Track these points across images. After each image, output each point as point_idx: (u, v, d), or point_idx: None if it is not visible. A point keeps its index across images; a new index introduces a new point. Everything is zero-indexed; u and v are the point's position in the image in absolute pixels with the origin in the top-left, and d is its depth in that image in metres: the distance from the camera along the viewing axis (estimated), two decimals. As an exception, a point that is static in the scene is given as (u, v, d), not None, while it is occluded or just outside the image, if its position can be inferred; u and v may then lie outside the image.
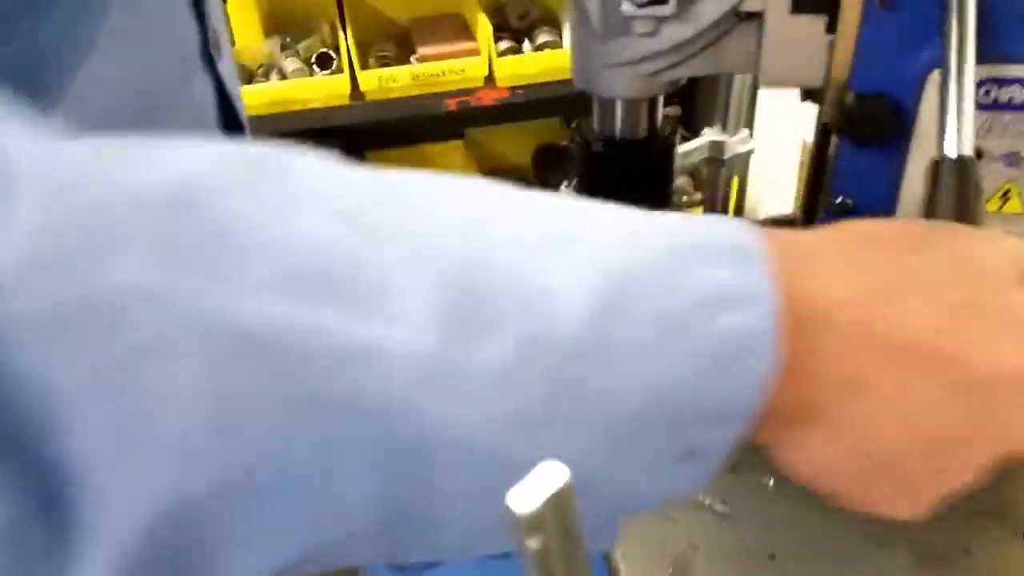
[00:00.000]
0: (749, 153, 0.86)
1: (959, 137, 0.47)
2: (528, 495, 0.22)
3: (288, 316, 0.24)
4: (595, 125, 0.63)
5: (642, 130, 0.62)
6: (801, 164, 0.68)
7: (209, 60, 0.56)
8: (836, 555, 0.58)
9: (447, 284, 0.26)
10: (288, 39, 1.86)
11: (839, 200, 0.60)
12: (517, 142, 2.19)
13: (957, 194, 0.45)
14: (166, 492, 0.24)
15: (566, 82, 1.85)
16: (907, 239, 0.36)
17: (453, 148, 2.12)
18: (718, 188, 0.88)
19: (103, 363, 0.23)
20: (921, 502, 0.36)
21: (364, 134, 2.02)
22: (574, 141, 0.71)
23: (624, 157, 0.62)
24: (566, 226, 0.30)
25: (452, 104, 1.78)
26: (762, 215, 0.78)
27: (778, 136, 1.81)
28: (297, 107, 1.70)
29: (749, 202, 1.97)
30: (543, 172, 2.17)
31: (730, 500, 0.62)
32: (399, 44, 1.89)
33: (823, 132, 0.65)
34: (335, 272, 0.25)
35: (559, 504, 0.23)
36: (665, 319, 0.29)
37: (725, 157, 0.84)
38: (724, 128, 0.85)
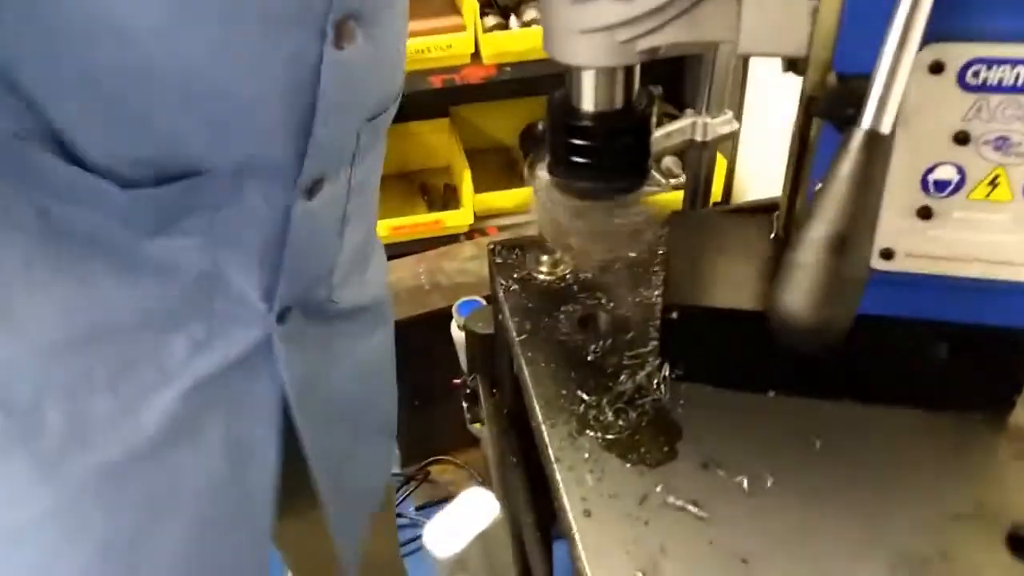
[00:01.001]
0: (734, 135, 0.83)
1: (879, 111, 0.47)
2: (452, 533, 0.20)
3: None
4: (570, 98, 0.59)
5: (617, 102, 0.58)
6: (790, 149, 0.65)
7: None
8: (811, 559, 0.55)
9: None
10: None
11: (819, 186, 0.57)
12: (504, 120, 2.16)
13: (864, 168, 0.47)
14: None
15: (549, 61, 1.82)
16: None
17: (439, 126, 2.08)
18: (700, 170, 0.85)
19: None
20: None
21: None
22: (548, 114, 0.68)
23: (598, 130, 0.59)
24: None
25: (437, 81, 1.74)
26: (748, 199, 0.75)
27: (770, 120, 1.77)
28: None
29: (738, 186, 1.94)
30: (530, 150, 2.13)
31: (702, 501, 0.59)
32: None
33: (806, 112, 0.62)
34: None
35: (486, 543, 0.21)
36: None
37: (707, 139, 0.81)
38: (708, 109, 0.82)
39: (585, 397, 0.67)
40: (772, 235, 0.70)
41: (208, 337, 0.67)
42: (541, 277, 0.81)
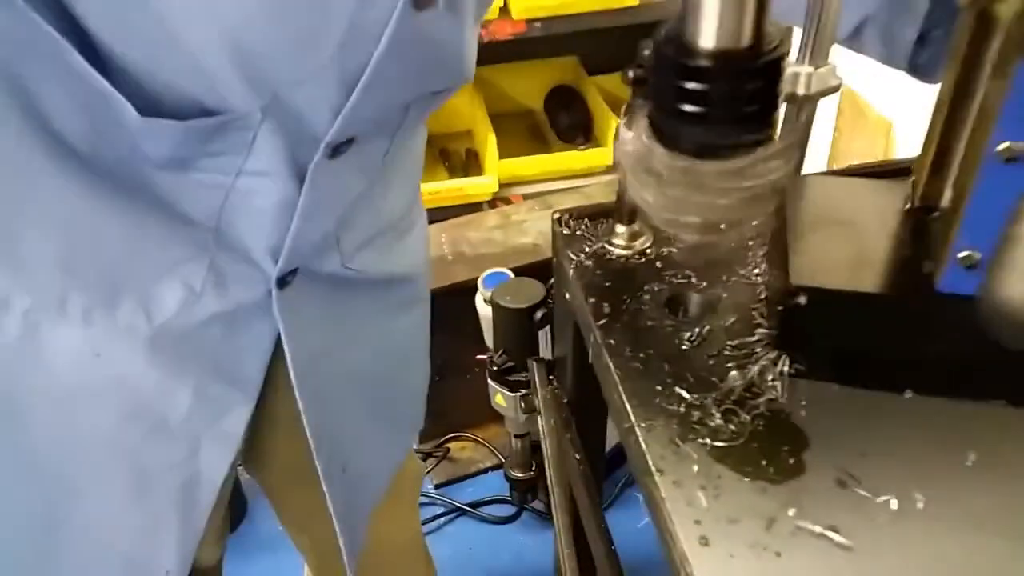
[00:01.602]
0: (836, 89, 0.71)
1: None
2: None
3: None
4: (685, 35, 0.48)
5: (745, 38, 0.47)
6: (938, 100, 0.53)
7: None
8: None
9: None
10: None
11: (1003, 146, 0.46)
12: (528, 82, 2.03)
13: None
14: None
15: (586, 16, 1.69)
16: None
17: (461, 88, 1.96)
18: (799, 128, 0.73)
19: None
20: None
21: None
22: (656, 53, 0.57)
23: (725, 71, 0.47)
24: None
25: (462, 37, 1.61)
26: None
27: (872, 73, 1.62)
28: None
29: (840, 146, 1.77)
30: (554, 113, 2.01)
31: (843, 526, 0.49)
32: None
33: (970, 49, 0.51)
34: None
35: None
36: None
37: (811, 92, 0.69)
38: (810, 58, 0.70)
39: (686, 395, 0.57)
40: (907, 205, 0.59)
41: (203, 288, 0.63)
42: (617, 252, 0.70)
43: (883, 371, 0.56)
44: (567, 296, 0.71)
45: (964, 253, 0.49)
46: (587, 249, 0.70)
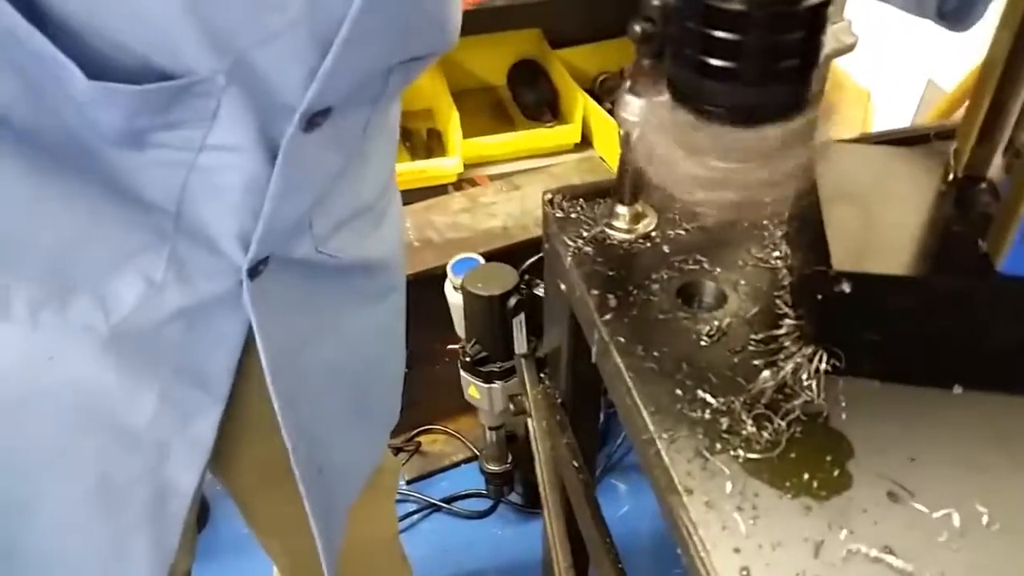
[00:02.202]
0: (851, 48, 0.65)
1: None
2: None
3: None
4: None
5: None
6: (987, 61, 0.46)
7: None
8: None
9: None
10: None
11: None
12: (490, 56, 1.94)
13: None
14: None
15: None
16: None
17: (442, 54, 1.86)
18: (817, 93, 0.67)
19: None
20: None
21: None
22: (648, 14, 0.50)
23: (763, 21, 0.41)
24: None
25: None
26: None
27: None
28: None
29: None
30: (518, 89, 1.92)
31: (900, 548, 0.42)
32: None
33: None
34: None
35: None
36: None
37: (825, 51, 0.63)
38: (822, 15, 0.63)
39: (710, 399, 0.50)
40: (949, 176, 0.53)
41: (164, 280, 0.57)
42: (620, 236, 0.62)
43: (930, 365, 0.49)
44: (562, 287, 0.63)
45: (1034, 230, 0.43)
46: (585, 234, 0.63)
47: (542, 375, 0.75)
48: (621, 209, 0.62)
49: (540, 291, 1.36)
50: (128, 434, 0.61)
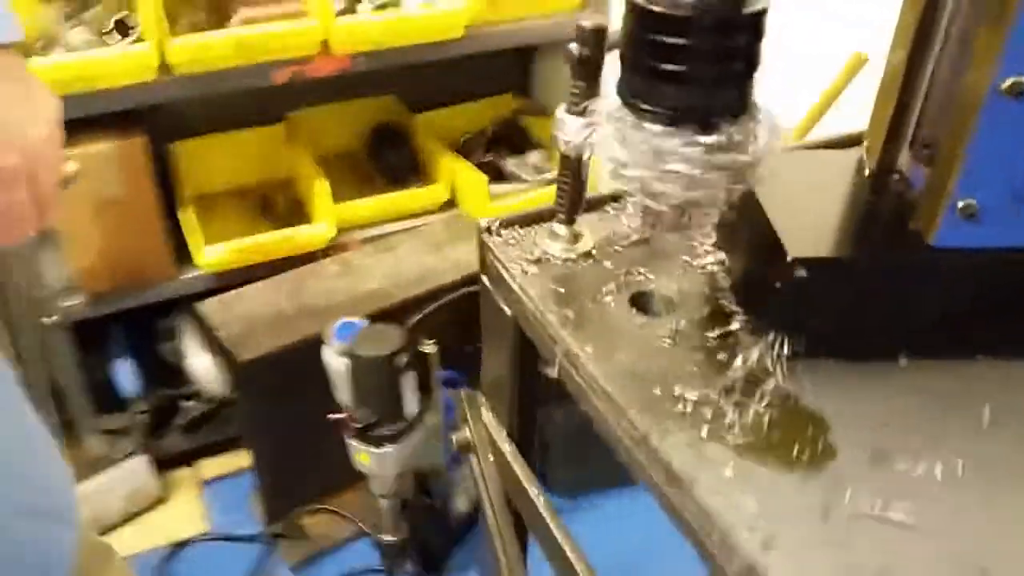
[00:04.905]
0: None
1: None
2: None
3: None
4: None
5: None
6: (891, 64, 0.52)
7: None
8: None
9: None
10: (71, 7, 1.48)
11: (1009, 82, 0.44)
12: (348, 122, 1.93)
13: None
14: None
15: (411, 48, 1.64)
16: None
17: (271, 134, 1.82)
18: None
19: None
20: None
21: (169, 119, 1.69)
22: (583, 39, 0.52)
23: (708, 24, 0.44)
24: None
25: (282, 76, 1.50)
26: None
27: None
28: (89, 86, 1.34)
29: None
30: (379, 153, 1.93)
31: (898, 504, 0.45)
32: (210, 10, 1.57)
33: (923, 22, 0.50)
34: None
35: None
36: None
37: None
38: None
39: (689, 394, 0.51)
40: (867, 172, 0.58)
41: None
42: (562, 255, 0.63)
43: (877, 340, 0.53)
44: (507, 312, 0.64)
45: (963, 202, 0.48)
46: (529, 256, 0.63)
47: (482, 407, 0.74)
48: (560, 230, 0.64)
49: (427, 348, 1.34)
50: None
